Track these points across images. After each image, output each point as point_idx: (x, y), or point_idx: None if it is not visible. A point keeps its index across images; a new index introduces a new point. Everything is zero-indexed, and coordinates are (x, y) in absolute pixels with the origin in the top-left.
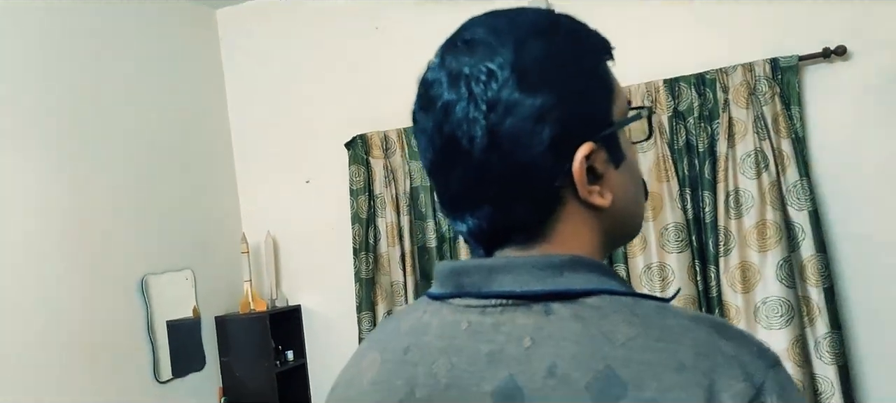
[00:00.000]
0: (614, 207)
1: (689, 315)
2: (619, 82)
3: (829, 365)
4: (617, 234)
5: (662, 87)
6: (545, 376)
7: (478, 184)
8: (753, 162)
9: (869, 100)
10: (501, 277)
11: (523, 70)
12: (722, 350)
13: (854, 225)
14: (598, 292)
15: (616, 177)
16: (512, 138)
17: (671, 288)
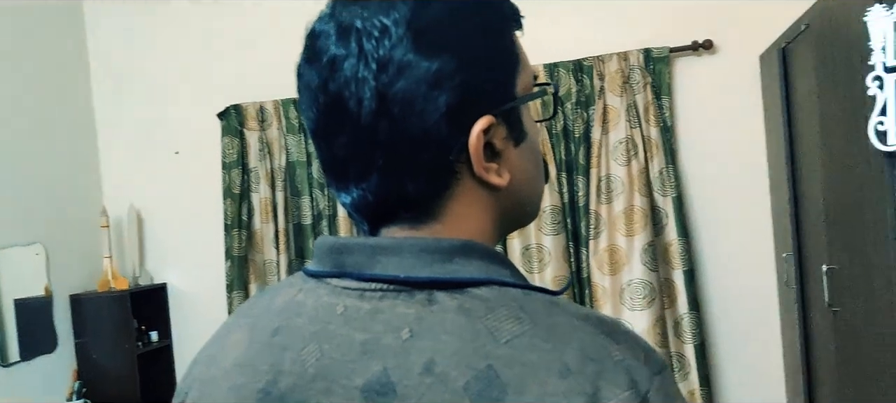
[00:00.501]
0: (512, 188)
1: (578, 313)
2: (527, 56)
3: (687, 344)
4: (513, 217)
5: (542, 72)
6: (421, 372)
7: (364, 152)
8: (624, 149)
9: (732, 93)
10: (385, 259)
11: (421, 29)
12: (610, 355)
13: (714, 211)
14: (487, 282)
15: (515, 156)
16: (404, 103)
17: (548, 271)
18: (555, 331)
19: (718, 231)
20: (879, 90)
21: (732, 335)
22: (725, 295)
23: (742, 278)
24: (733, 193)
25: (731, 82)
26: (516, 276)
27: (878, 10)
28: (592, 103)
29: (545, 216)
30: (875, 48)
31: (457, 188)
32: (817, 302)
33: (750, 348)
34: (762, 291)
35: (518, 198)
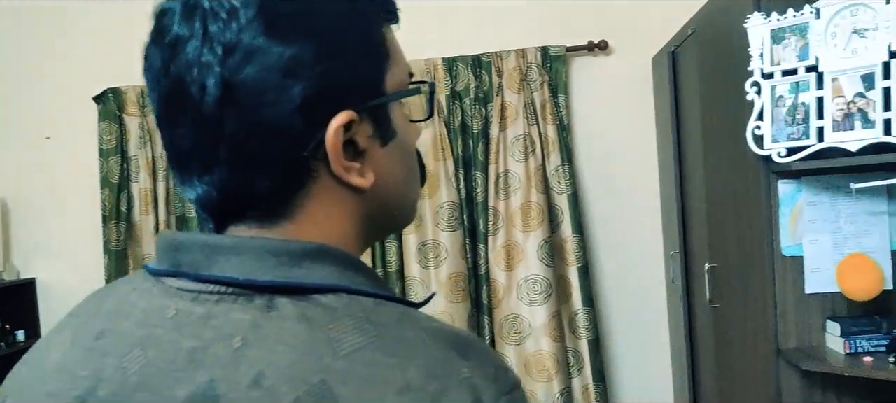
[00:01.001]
0: (378, 190)
1: (431, 327)
2: (401, 52)
3: (581, 340)
4: (381, 222)
5: (441, 65)
6: (249, 386)
7: (209, 144)
8: (522, 145)
9: (626, 93)
10: (224, 260)
11: (274, 12)
12: (457, 372)
13: (608, 209)
14: (335, 289)
15: (382, 156)
16: (252, 92)
17: (443, 267)
18: (401, 345)
19: (611, 228)
20: (757, 95)
21: (624, 330)
22: (618, 291)
23: (633, 275)
24: (626, 192)
25: (625, 83)
26: (375, 284)
27: (757, 18)
28: (491, 99)
29: (443, 212)
30: (754, 54)
31: (313, 187)
32: (700, 299)
33: (640, 343)
34: (652, 288)
35: (386, 201)
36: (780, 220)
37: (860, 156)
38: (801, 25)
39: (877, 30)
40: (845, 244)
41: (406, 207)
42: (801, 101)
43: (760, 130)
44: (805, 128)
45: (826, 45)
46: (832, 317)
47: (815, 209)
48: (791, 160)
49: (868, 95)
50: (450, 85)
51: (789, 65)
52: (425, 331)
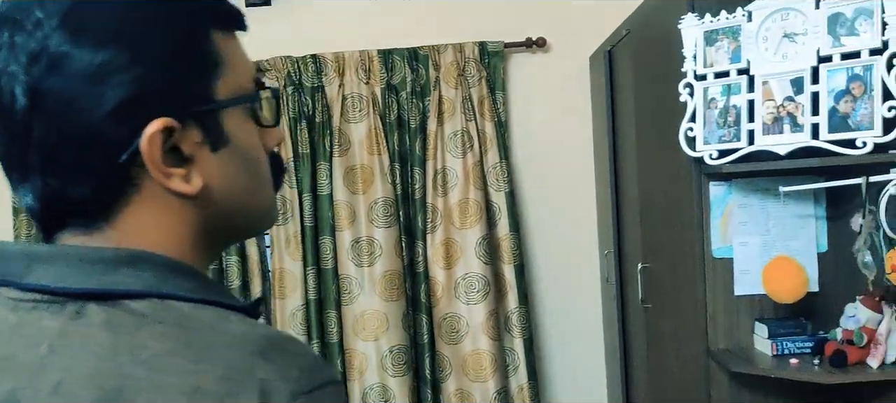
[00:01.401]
0: (212, 196)
1: (243, 332)
2: (242, 59)
3: (517, 338)
4: (225, 228)
5: (376, 58)
6: (50, 393)
7: (22, 152)
8: (460, 141)
9: (563, 92)
10: (39, 268)
11: (81, 18)
12: (253, 374)
13: (545, 208)
14: (148, 295)
15: (214, 163)
16: (60, 100)
17: (378, 265)
18: (205, 350)
19: (548, 227)
20: (690, 97)
21: (560, 329)
22: (553, 290)
23: (569, 274)
24: (563, 190)
25: (563, 81)
26: (199, 289)
27: (691, 19)
28: (428, 93)
29: (377, 207)
30: (687, 56)
31: (135, 194)
32: (633, 299)
33: (575, 342)
34: (587, 287)
35: (225, 208)
36: (711, 222)
37: (788, 160)
38: (734, 28)
39: (806, 34)
40: (773, 246)
41: (252, 212)
42: (732, 104)
43: (693, 132)
44: (736, 131)
45: (757, 49)
46: (760, 319)
47: (745, 211)
48: (722, 162)
49: (797, 99)
50: (385, 78)
51: (722, 67)
52: (234, 336)
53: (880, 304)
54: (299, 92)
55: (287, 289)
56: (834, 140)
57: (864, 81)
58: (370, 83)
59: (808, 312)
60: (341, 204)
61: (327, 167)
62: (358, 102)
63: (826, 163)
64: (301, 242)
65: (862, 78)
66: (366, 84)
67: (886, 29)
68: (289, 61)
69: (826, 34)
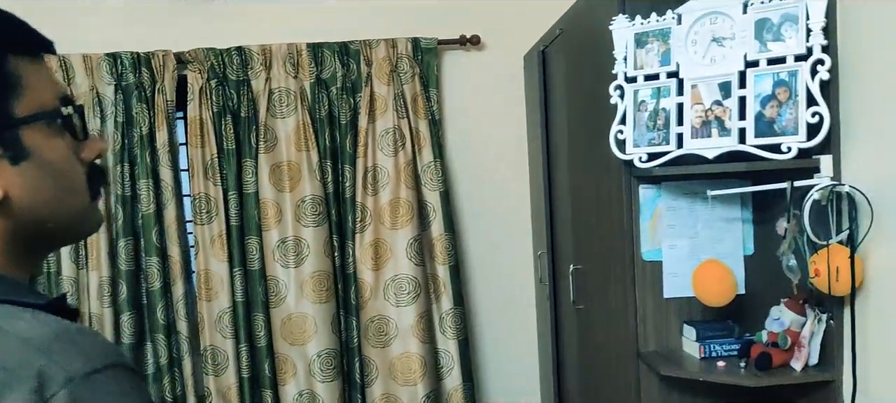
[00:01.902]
0: (17, 205)
1: (27, 329)
2: (46, 81)
3: (450, 340)
4: (35, 235)
5: (306, 51)
6: None
7: None
8: (392, 139)
9: (498, 91)
10: None
11: None
12: (31, 364)
13: (479, 208)
14: None
15: (15, 175)
16: None
17: (306, 265)
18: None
19: (483, 227)
20: (620, 99)
21: (494, 330)
22: (488, 290)
23: (504, 274)
24: (498, 190)
25: (498, 80)
26: (4, 290)
27: (622, 21)
28: (359, 89)
29: (306, 206)
30: (618, 57)
31: None
32: (566, 300)
33: (510, 343)
34: (522, 287)
35: (33, 216)
36: (640, 225)
37: (716, 164)
38: (664, 30)
39: (734, 39)
40: (702, 249)
41: (62, 219)
42: (662, 107)
43: (623, 134)
44: (665, 134)
45: (686, 52)
46: (689, 321)
47: (674, 214)
48: (651, 166)
49: (725, 104)
50: (315, 73)
51: (652, 69)
52: (18, 333)
53: (804, 307)
54: (223, 85)
55: (213, 291)
56: (760, 144)
57: (790, 87)
58: (299, 77)
59: (735, 314)
60: (268, 202)
61: (253, 164)
62: (285, 97)
63: (752, 168)
64: (227, 242)
65: (787, 83)
66: (294, 78)
67: (810, 35)
68: (212, 53)
69: (753, 39)
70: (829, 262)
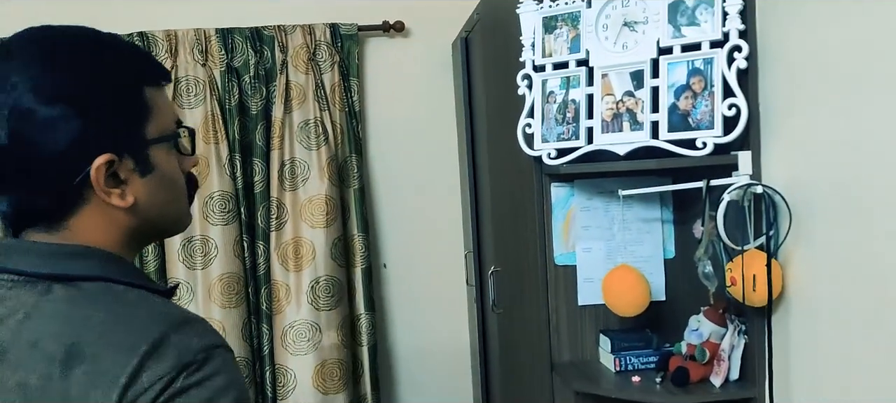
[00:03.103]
0: (139, 208)
1: (159, 310)
2: (167, 106)
3: (362, 346)
4: (148, 230)
5: (214, 37)
6: (29, 346)
7: (1, 174)
8: (311, 131)
9: (425, 81)
10: (18, 256)
11: (42, 84)
12: (167, 339)
13: (407, 205)
14: (96, 278)
15: (141, 184)
16: (29, 140)
17: (214, 267)
18: (133, 320)
19: (411, 226)
20: (528, 90)
21: (422, 335)
22: (416, 293)
23: (433, 276)
24: (426, 187)
25: (425, 69)
26: (129, 275)
27: (529, 3)
28: (274, 78)
29: (213, 203)
30: (525, 44)
31: (85, 205)
32: (489, 301)
33: (439, 349)
34: (452, 290)
35: (148, 217)
36: (552, 226)
37: (628, 161)
38: (574, 14)
39: (646, 23)
40: (619, 252)
41: (169, 219)
42: (571, 98)
43: (531, 128)
44: (575, 128)
45: (597, 38)
46: (605, 331)
47: (588, 215)
48: (560, 163)
49: (637, 95)
50: (225, 60)
51: (561, 57)
52: (153, 312)
53: (724, 317)
54: None
55: None
56: (674, 140)
57: (705, 76)
58: (207, 65)
59: (654, 323)
60: None
61: None
62: (193, 86)
63: (663, 166)
64: None
65: (702, 72)
66: (202, 66)
67: (727, 19)
68: None
69: (667, 23)
70: (744, 269)
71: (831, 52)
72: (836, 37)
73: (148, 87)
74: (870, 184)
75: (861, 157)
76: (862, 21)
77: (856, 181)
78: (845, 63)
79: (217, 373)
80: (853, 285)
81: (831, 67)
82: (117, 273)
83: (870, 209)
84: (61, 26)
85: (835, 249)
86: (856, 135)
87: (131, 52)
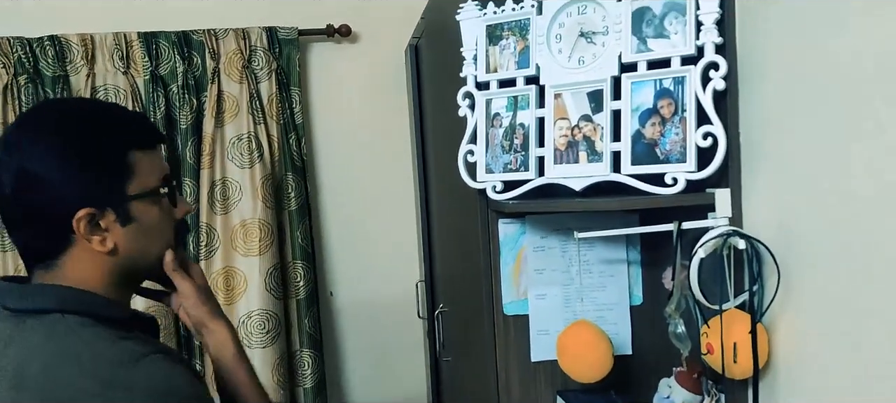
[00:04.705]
0: (121, 252)
1: (114, 342)
2: (152, 164)
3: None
4: (128, 271)
5: (137, 42)
6: (13, 367)
7: (9, 218)
8: (245, 147)
9: (374, 88)
10: (6, 295)
11: (41, 149)
12: (118, 379)
13: (354, 227)
14: (56, 311)
15: (122, 233)
16: (28, 192)
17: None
18: (83, 350)
19: (360, 249)
20: (470, 110)
21: (370, 372)
22: (367, 324)
23: (386, 306)
24: (378, 208)
25: (375, 78)
26: (95, 309)
27: (471, 8)
28: (204, 88)
29: None
30: (467, 57)
31: (73, 248)
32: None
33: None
34: (407, 322)
35: (130, 259)
36: (501, 269)
37: (584, 199)
38: (522, 22)
39: (606, 34)
40: (578, 300)
41: (148, 261)
42: (519, 122)
43: (473, 156)
44: (524, 157)
45: (549, 51)
46: (563, 392)
47: (542, 256)
48: (506, 198)
49: (595, 119)
50: (149, 68)
51: (507, 73)
52: (104, 346)
53: (699, 383)
54: (35, 82)
55: None
56: (638, 174)
57: (675, 98)
58: (129, 73)
59: (619, 382)
60: None
61: None
62: (113, 97)
63: (627, 206)
64: None
65: (672, 94)
66: (123, 74)
67: (701, 30)
68: (20, 43)
69: (630, 35)
70: (724, 336)
71: (829, 71)
72: (837, 51)
73: (135, 150)
74: (873, 231)
75: (863, 200)
76: (867, 31)
77: (856, 227)
78: (846, 84)
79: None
80: (856, 353)
81: (829, 89)
82: (83, 306)
83: (873, 261)
84: (65, 100)
85: (831, 309)
86: (858, 170)
87: (122, 119)
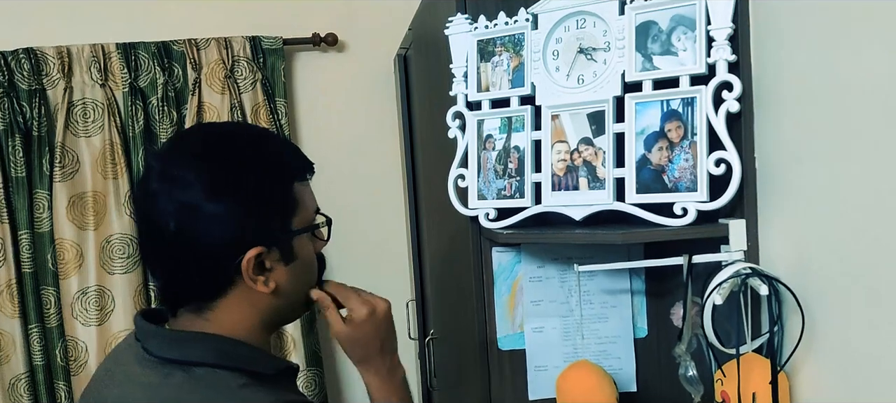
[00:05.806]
0: (279, 293)
1: (256, 397)
2: (309, 197)
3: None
4: (281, 313)
5: (115, 53)
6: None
7: (163, 257)
8: None
9: (361, 98)
10: (151, 341)
11: (211, 182)
12: None
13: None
14: (205, 364)
15: (283, 272)
16: (193, 232)
17: (112, 322)
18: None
19: (352, 264)
20: (460, 132)
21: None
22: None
23: None
24: (367, 221)
25: (363, 87)
26: (243, 361)
27: (461, 23)
28: (185, 100)
29: (112, 248)
30: (457, 74)
31: (232, 290)
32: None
33: None
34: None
35: (284, 300)
36: (495, 301)
37: (584, 230)
38: (516, 37)
39: (608, 50)
40: (578, 333)
41: (300, 301)
42: (514, 145)
43: (465, 182)
44: (519, 183)
45: (545, 69)
46: None
47: (538, 287)
48: (500, 226)
49: (596, 143)
50: (128, 80)
51: (500, 92)
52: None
53: None
54: (11, 96)
55: (4, 354)
56: (644, 204)
57: (685, 121)
58: (107, 85)
59: None
60: (66, 243)
61: (47, 195)
62: (91, 110)
63: (632, 239)
64: (18, 293)
65: (681, 116)
66: (101, 86)
67: (713, 47)
68: None
69: (634, 51)
70: (741, 385)
71: (855, 92)
72: (864, 69)
73: (296, 182)
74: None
75: (894, 239)
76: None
77: (885, 269)
78: (874, 106)
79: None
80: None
81: (853, 112)
82: (231, 357)
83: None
84: (217, 126)
85: (856, 359)
86: (890, 205)
87: (282, 148)
